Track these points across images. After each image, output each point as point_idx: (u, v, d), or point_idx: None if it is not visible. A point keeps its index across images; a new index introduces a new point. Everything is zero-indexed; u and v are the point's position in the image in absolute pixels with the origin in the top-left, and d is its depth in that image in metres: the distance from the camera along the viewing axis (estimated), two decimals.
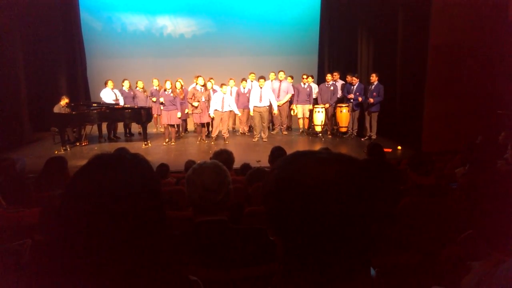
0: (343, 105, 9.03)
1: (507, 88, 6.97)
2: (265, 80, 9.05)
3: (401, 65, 8.44)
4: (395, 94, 8.61)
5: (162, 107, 8.74)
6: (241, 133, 9.90)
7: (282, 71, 9.66)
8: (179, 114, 8.74)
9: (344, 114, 9.03)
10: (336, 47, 11.99)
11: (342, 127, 9.18)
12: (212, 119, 8.91)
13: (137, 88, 9.67)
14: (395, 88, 8.62)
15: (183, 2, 12.80)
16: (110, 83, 9.22)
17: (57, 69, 10.64)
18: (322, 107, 9.09)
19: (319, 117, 9.08)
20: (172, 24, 13.07)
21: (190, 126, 10.15)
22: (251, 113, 9.07)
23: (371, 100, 8.47)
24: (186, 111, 9.08)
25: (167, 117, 8.66)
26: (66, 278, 0.74)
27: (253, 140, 9.02)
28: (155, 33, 13.01)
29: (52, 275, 0.79)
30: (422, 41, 7.37)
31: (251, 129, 9.92)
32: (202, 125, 9.08)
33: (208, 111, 8.73)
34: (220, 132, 9.09)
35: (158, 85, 9.54)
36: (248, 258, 1.58)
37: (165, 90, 8.68)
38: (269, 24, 13.03)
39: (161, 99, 8.66)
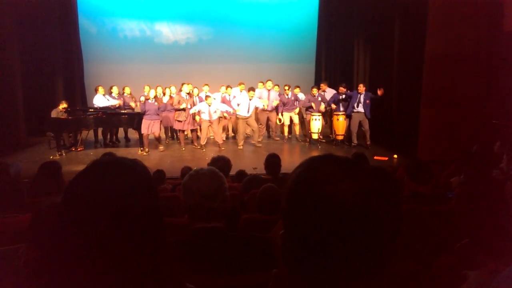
0: (340, 113, 9.07)
1: (502, 98, 7.04)
2: (254, 92, 9.01)
3: (397, 74, 8.51)
4: (392, 103, 8.66)
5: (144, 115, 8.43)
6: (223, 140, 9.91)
7: (270, 80, 9.70)
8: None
9: (340, 122, 9.06)
10: (333, 56, 12.08)
11: (338, 135, 9.21)
12: (199, 127, 8.99)
13: (125, 94, 9.65)
14: (392, 96, 8.68)
15: (181, 9, 12.85)
16: (101, 89, 9.18)
17: (54, 74, 10.61)
18: (319, 115, 9.12)
19: (316, 125, 9.11)
20: (170, 31, 13.11)
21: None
22: (245, 116, 8.92)
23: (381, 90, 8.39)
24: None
25: (147, 126, 8.33)
26: (62, 285, 0.74)
27: (239, 147, 8.93)
28: (153, 39, 13.04)
29: (48, 281, 0.78)
30: (419, 51, 7.43)
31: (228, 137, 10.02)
32: (192, 131, 9.08)
33: (192, 118, 8.76)
34: (213, 139, 9.10)
35: (149, 92, 9.45)
36: (244, 265, 1.57)
37: (147, 99, 8.40)
38: (267, 32, 13.09)
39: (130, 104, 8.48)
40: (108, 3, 12.54)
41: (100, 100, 9.11)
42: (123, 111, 9.15)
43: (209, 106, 8.61)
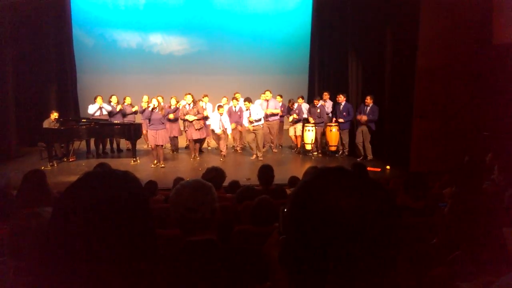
0: (333, 124, 9.12)
1: (492, 110, 7.14)
2: (249, 102, 8.98)
3: (389, 85, 8.60)
4: (384, 115, 8.73)
5: (148, 126, 8.31)
6: (235, 150, 9.92)
7: (268, 90, 9.75)
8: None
9: (333, 133, 9.12)
10: (326, 68, 12.17)
11: (331, 146, 9.25)
12: (205, 138, 9.05)
13: (125, 104, 9.66)
14: (384, 108, 8.76)
15: (176, 21, 12.93)
16: (99, 99, 9.16)
17: (47, 84, 10.58)
18: (312, 126, 9.16)
19: (310, 136, 9.15)
20: (164, 42, 13.17)
21: (181, 143, 10.12)
22: (250, 127, 8.84)
23: (364, 117, 8.60)
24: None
25: (155, 137, 8.10)
26: None
27: (251, 158, 8.97)
28: (147, 50, 13.08)
29: None
30: (410, 63, 7.53)
31: (245, 147, 9.96)
32: (195, 141, 9.06)
33: (196, 128, 8.77)
34: (217, 148, 9.15)
35: (147, 102, 9.45)
36: (237, 278, 1.56)
37: (154, 108, 8.07)
38: (261, 43, 13.21)
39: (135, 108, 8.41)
40: (103, 14, 12.58)
41: (92, 109, 9.08)
42: (116, 122, 9.12)
43: (221, 115, 8.66)
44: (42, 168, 7.55)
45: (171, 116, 8.77)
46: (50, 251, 0.75)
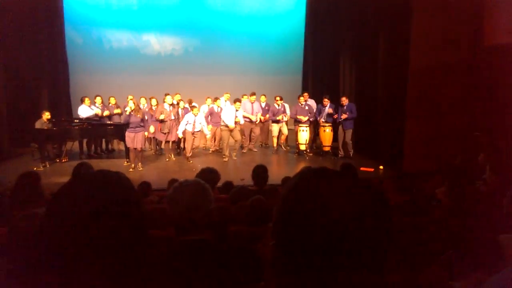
0: (326, 124, 9.15)
1: (484, 110, 7.21)
2: (240, 103, 9.09)
3: (382, 86, 8.65)
4: (377, 115, 8.78)
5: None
6: (212, 151, 9.92)
7: (254, 94, 9.86)
8: (148, 132, 8.59)
9: (327, 134, 9.14)
10: (320, 69, 12.22)
11: (325, 146, 9.28)
12: (182, 139, 8.95)
13: (110, 105, 9.57)
14: (377, 109, 8.81)
15: (168, 20, 12.89)
16: (86, 100, 9.11)
17: (39, 84, 10.49)
18: (306, 126, 9.19)
19: (303, 136, 9.17)
20: (157, 42, 13.12)
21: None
22: (231, 126, 8.86)
23: (344, 115, 8.69)
24: (152, 130, 8.70)
25: (132, 139, 7.86)
26: None
27: (224, 160, 8.86)
28: (140, 50, 13.03)
29: None
30: (403, 64, 7.58)
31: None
32: (172, 142, 9.02)
33: (176, 130, 8.72)
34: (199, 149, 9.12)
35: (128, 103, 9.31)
36: (231, 278, 1.56)
37: (131, 111, 7.84)
38: (254, 44, 13.22)
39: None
40: (95, 14, 12.51)
41: (85, 110, 9.03)
42: (109, 122, 9.06)
43: (195, 116, 8.58)
44: (35, 169, 7.50)
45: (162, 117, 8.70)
46: (42, 253, 0.75)
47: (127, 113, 7.94)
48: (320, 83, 12.02)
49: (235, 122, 9.00)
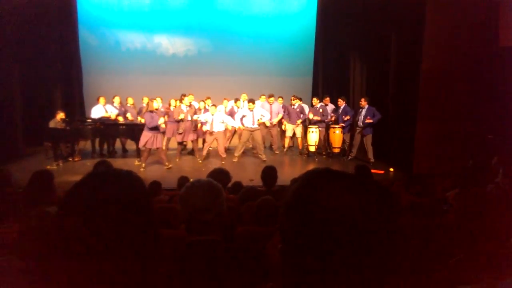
0: (336, 126, 9.12)
1: (497, 113, 7.10)
2: (254, 104, 8.96)
3: (393, 88, 8.58)
4: (388, 117, 8.71)
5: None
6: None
7: (272, 95, 9.81)
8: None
9: (337, 135, 9.10)
10: (330, 70, 12.17)
11: (335, 148, 9.24)
12: (202, 139, 8.99)
13: (128, 105, 9.69)
14: (388, 110, 8.74)
15: (181, 22, 12.97)
16: (102, 100, 9.21)
17: (53, 84, 10.64)
18: (316, 128, 9.15)
19: (313, 137, 9.14)
20: (169, 43, 13.21)
21: (173, 145, 10.07)
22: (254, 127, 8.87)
23: (369, 120, 8.52)
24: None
25: (154, 140, 7.89)
26: None
27: (233, 160, 8.83)
28: (152, 51, 13.12)
29: None
30: (415, 65, 7.51)
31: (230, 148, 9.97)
32: (180, 142, 9.06)
33: (191, 130, 8.80)
34: (213, 151, 9.08)
35: (148, 103, 9.43)
36: (240, 278, 1.57)
37: (151, 111, 7.95)
38: (265, 45, 13.21)
39: (161, 120, 8.00)
40: (109, 15, 12.65)
41: (98, 110, 9.13)
42: (122, 122, 9.15)
43: (213, 115, 8.59)
44: (48, 167, 7.62)
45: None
46: (54, 250, 0.76)
47: (151, 113, 7.92)
48: (331, 84, 11.96)
49: (259, 123, 8.96)
